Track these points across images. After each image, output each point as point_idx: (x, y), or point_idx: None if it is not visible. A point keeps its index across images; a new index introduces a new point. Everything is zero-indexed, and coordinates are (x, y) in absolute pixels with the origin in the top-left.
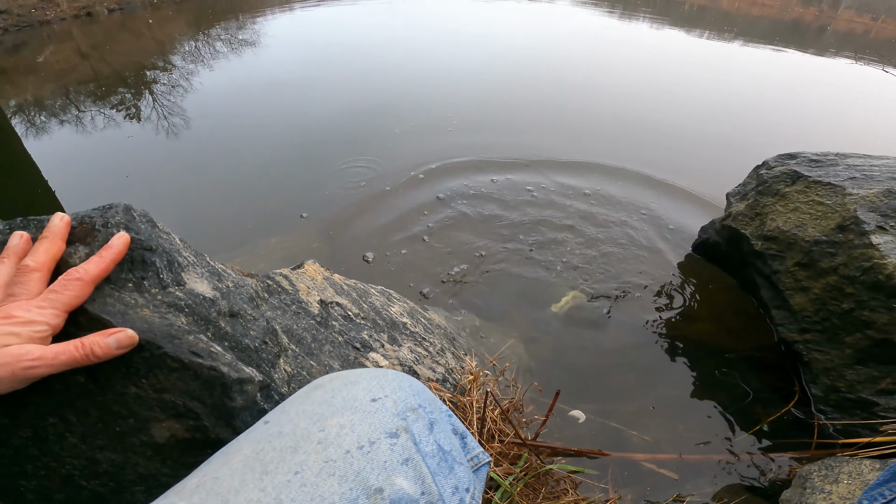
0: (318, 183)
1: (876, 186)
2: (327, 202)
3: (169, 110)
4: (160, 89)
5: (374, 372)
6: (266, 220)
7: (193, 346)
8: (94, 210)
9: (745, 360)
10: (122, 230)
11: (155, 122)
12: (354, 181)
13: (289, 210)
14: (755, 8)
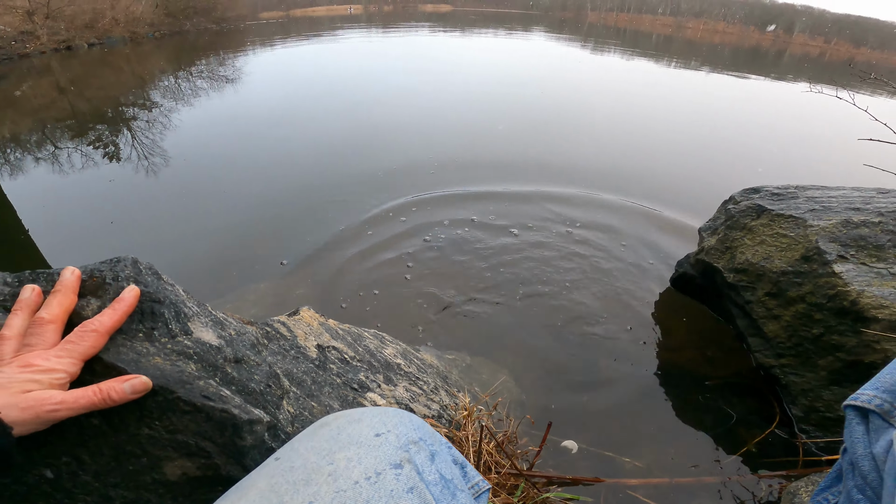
0: (300, 228)
1: (834, 217)
2: (310, 248)
3: (149, 149)
4: (139, 126)
5: (375, 410)
6: (249, 267)
7: (204, 390)
8: (103, 263)
9: (727, 386)
10: (132, 283)
11: (135, 162)
12: (335, 227)
13: (271, 257)
14: (717, 36)
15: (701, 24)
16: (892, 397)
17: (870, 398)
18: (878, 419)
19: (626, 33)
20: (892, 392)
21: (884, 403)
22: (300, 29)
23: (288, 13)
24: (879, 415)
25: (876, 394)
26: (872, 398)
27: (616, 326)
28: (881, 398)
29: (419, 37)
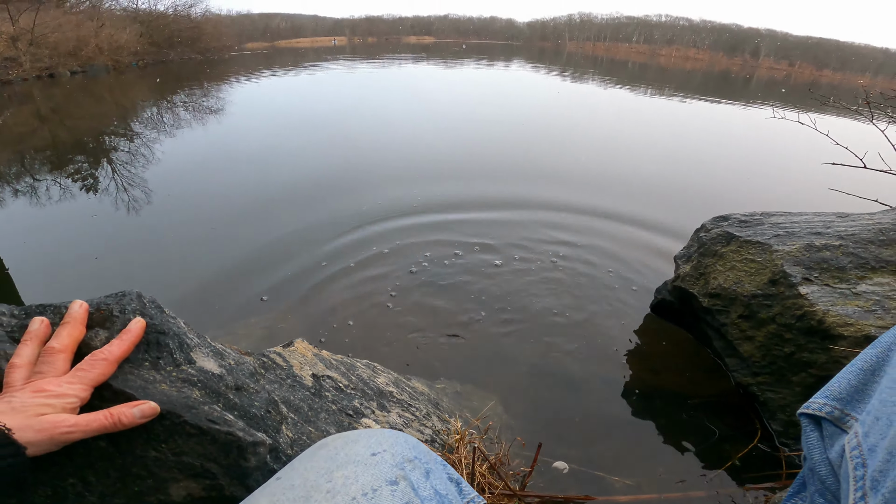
0: (283, 261)
1: (798, 242)
2: (296, 282)
3: (129, 181)
4: (120, 159)
5: (371, 431)
6: (232, 302)
7: (209, 414)
8: (109, 297)
9: (709, 405)
10: (138, 316)
11: (114, 195)
12: (318, 259)
13: (253, 292)
14: (688, 62)
15: (673, 52)
16: (841, 404)
17: (821, 406)
18: (830, 426)
19: (604, 62)
20: (841, 399)
21: (834, 410)
22: (285, 60)
23: (272, 44)
24: (831, 421)
25: (826, 402)
26: (823, 406)
27: (600, 351)
28: (831, 405)
29: (402, 68)
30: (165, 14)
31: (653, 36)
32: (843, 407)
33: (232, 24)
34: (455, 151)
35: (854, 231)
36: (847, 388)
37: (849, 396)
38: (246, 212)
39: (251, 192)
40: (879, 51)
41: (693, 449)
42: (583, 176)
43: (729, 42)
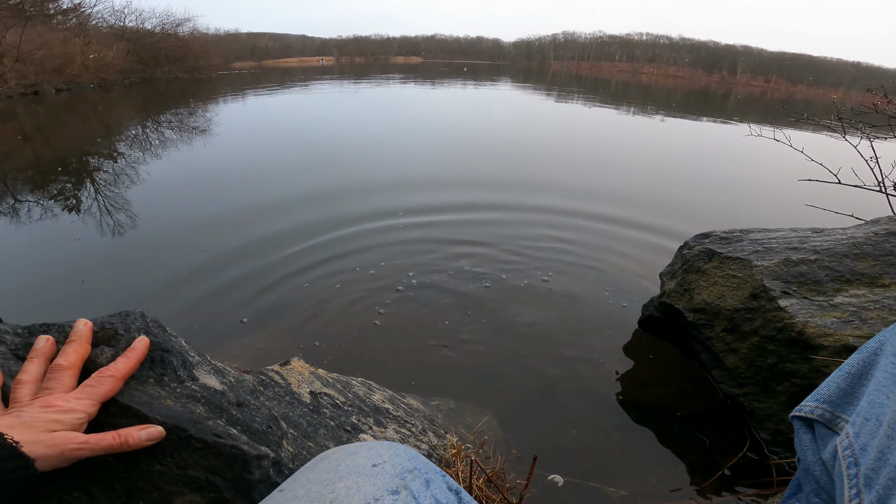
0: (271, 282)
1: (776, 257)
2: (284, 302)
3: (113, 202)
4: (104, 179)
5: (371, 443)
6: (221, 323)
7: (214, 429)
8: (113, 316)
9: (698, 416)
10: (142, 334)
11: (98, 217)
12: (305, 280)
13: (242, 312)
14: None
15: (655, 69)
16: (832, 407)
17: (812, 409)
18: (822, 428)
19: (587, 80)
20: (831, 402)
21: (825, 413)
22: (272, 80)
23: (260, 63)
24: (822, 423)
25: (817, 405)
26: (815, 409)
27: (590, 367)
28: (822, 408)
29: (390, 88)
30: (153, 32)
31: (634, 54)
32: (833, 409)
33: (220, 44)
34: (441, 170)
35: (829, 245)
36: (836, 392)
37: (838, 399)
38: (233, 233)
39: (237, 213)
40: (851, 65)
41: (685, 459)
42: (568, 194)
43: (707, 59)
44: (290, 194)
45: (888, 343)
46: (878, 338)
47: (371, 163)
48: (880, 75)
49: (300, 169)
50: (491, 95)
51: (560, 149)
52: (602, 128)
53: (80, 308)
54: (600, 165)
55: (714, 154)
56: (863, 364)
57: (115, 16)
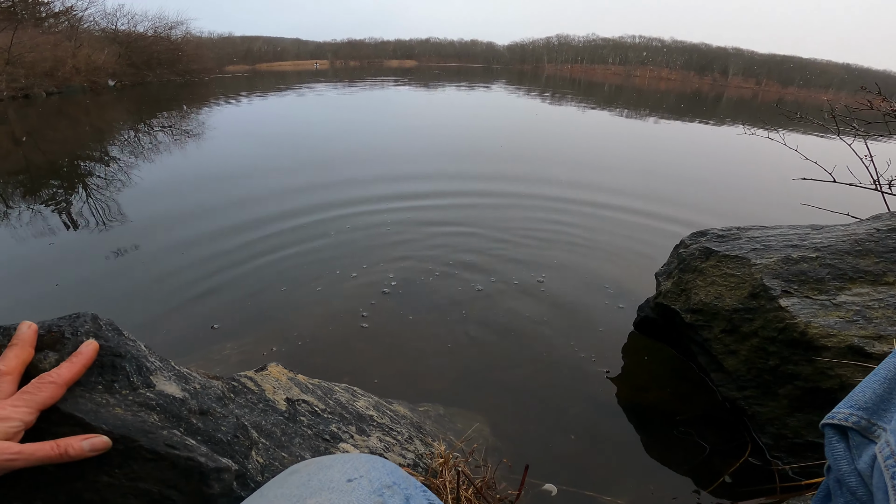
0: (259, 288)
1: (775, 255)
2: (268, 308)
3: (102, 206)
4: (94, 184)
5: (347, 456)
6: (203, 329)
7: (168, 439)
8: (62, 319)
9: (698, 420)
10: (91, 338)
11: (85, 221)
12: (295, 284)
13: (225, 316)
14: (662, 83)
15: (647, 72)
16: (867, 414)
17: (846, 416)
18: (857, 436)
19: (581, 84)
20: (866, 409)
21: (860, 420)
22: (266, 84)
23: (254, 67)
24: (858, 431)
25: (852, 411)
26: (849, 416)
27: (586, 370)
28: (857, 415)
29: (385, 91)
30: (145, 35)
31: (627, 57)
32: (869, 416)
33: (213, 47)
34: (431, 170)
35: (830, 242)
36: (872, 398)
37: (874, 406)
38: (219, 239)
39: (226, 217)
40: (840, 66)
41: (684, 465)
42: (561, 196)
43: (699, 62)
44: (279, 198)
45: None
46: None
47: (362, 165)
48: (869, 77)
49: (290, 173)
50: (485, 100)
51: (554, 150)
52: (596, 130)
53: (47, 312)
54: (594, 166)
55: (707, 154)
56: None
57: (106, 19)
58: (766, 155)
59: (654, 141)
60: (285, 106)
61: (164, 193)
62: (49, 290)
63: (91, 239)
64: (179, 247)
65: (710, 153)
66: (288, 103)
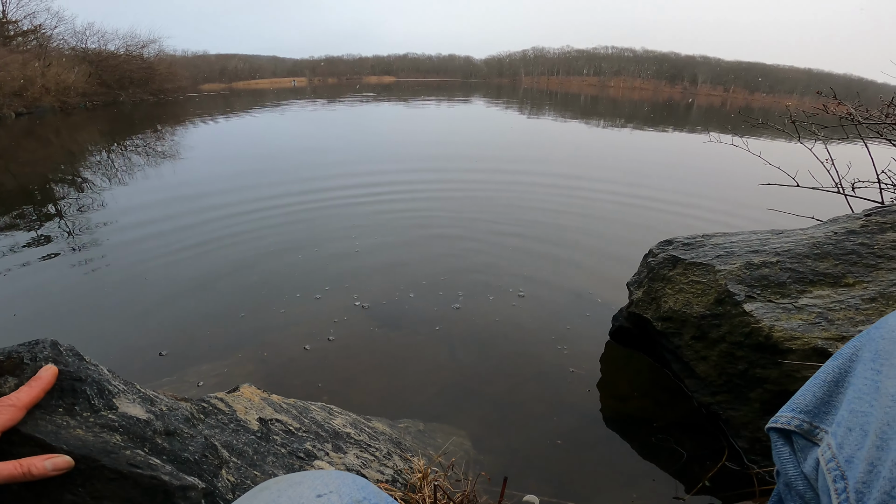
0: (237, 308)
1: (738, 261)
2: (251, 328)
3: (72, 230)
4: (65, 207)
5: (317, 472)
6: (178, 352)
7: (131, 459)
8: (21, 346)
9: (675, 427)
10: (51, 363)
11: (52, 245)
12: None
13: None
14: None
15: (621, 82)
16: (809, 417)
17: (789, 419)
18: (801, 439)
19: (558, 96)
20: (808, 412)
21: (803, 423)
22: (243, 103)
23: (230, 85)
24: (801, 435)
25: (794, 415)
26: (791, 419)
27: (564, 381)
28: (799, 419)
29: (364, 107)
30: (116, 54)
31: (601, 67)
32: (811, 420)
33: (187, 65)
34: (405, 187)
35: (789, 247)
36: (813, 401)
37: (816, 409)
38: (189, 261)
39: (195, 239)
40: (803, 71)
41: (664, 472)
42: (535, 209)
43: (670, 71)
44: (252, 222)
45: (864, 349)
46: (852, 343)
47: (334, 189)
48: (830, 80)
49: (263, 191)
50: (461, 114)
51: (528, 163)
52: (571, 141)
53: (9, 339)
54: (567, 178)
55: (679, 163)
56: (839, 371)
57: (76, 37)
58: (735, 161)
59: (628, 151)
60: (260, 126)
61: (133, 216)
62: (6, 319)
63: (60, 264)
64: (147, 271)
65: (681, 161)
66: (261, 123)
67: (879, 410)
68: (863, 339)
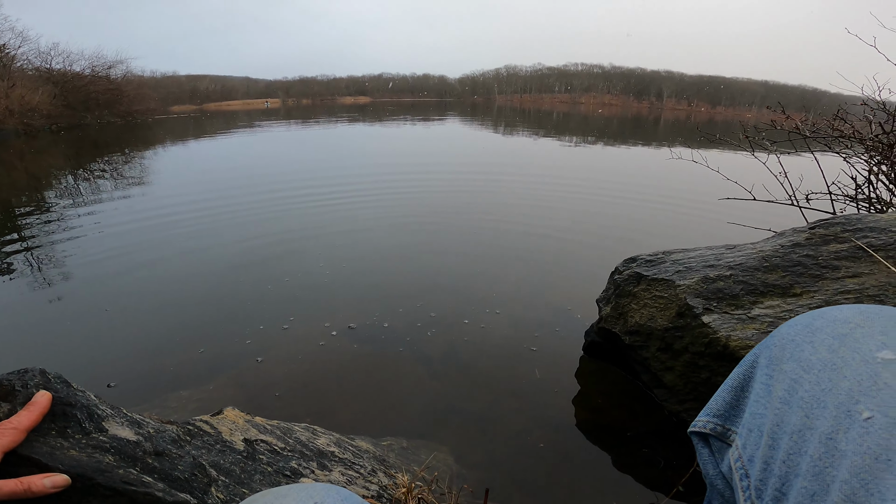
0: (211, 333)
1: (695, 276)
2: (229, 354)
3: (39, 258)
4: (31, 234)
5: (303, 485)
6: (157, 377)
7: (125, 477)
8: (11, 374)
9: (650, 435)
10: (42, 389)
11: (22, 274)
12: (247, 331)
13: (179, 365)
14: (605, 108)
15: (591, 98)
16: (722, 420)
17: (704, 423)
18: (716, 441)
19: (531, 114)
20: (720, 416)
21: (717, 426)
22: (214, 126)
23: (201, 107)
24: (716, 437)
25: (709, 419)
26: (707, 423)
27: (542, 396)
28: (713, 422)
29: (339, 129)
30: (82, 75)
31: (572, 84)
32: (723, 423)
33: (156, 87)
34: (374, 212)
35: (741, 261)
36: (723, 406)
37: (726, 413)
38: (165, 286)
39: (170, 264)
40: (759, 84)
41: (641, 479)
42: (506, 227)
43: (637, 86)
44: (227, 247)
45: (762, 356)
46: (753, 352)
47: (308, 215)
48: (786, 91)
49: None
50: (435, 134)
51: (498, 184)
52: (541, 160)
53: None
54: (538, 195)
55: (645, 180)
56: (743, 377)
57: (40, 57)
58: (698, 176)
59: (598, 168)
60: (231, 148)
61: (99, 244)
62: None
63: (21, 291)
64: (116, 298)
65: (648, 177)
66: (231, 146)
67: (771, 412)
68: (761, 347)
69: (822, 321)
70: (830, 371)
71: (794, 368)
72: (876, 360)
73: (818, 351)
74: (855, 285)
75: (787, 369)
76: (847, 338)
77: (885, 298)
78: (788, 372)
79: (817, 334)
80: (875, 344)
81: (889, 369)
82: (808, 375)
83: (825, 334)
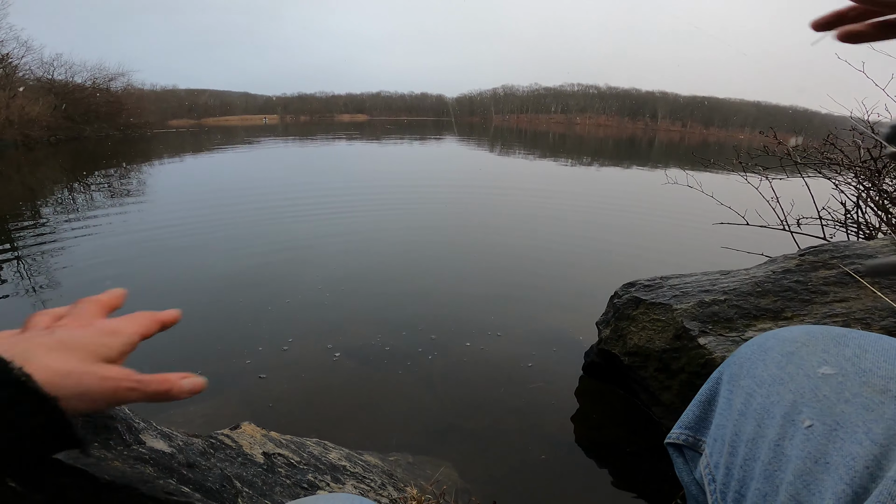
0: (216, 349)
1: (692, 300)
2: (234, 369)
3: (33, 271)
4: (22, 247)
5: (328, 495)
6: None
7: (165, 488)
8: None
9: (649, 451)
10: None
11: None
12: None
13: None
14: (600, 130)
15: (587, 119)
16: (692, 432)
17: (678, 435)
18: (689, 451)
19: (527, 135)
20: (691, 428)
21: (688, 438)
22: (211, 141)
23: (199, 122)
24: (688, 447)
25: (681, 431)
26: (679, 435)
27: (544, 414)
28: (685, 434)
29: (336, 147)
30: (83, 86)
31: (568, 105)
32: (694, 434)
33: (156, 100)
34: (373, 234)
35: (735, 286)
36: (693, 418)
37: (696, 425)
38: (160, 300)
39: (165, 279)
40: (752, 105)
41: (641, 494)
42: (504, 251)
43: (632, 107)
44: (220, 267)
45: (725, 372)
46: (719, 369)
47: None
48: (777, 113)
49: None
50: (432, 154)
51: (497, 206)
52: (539, 182)
53: None
54: (537, 220)
55: (641, 203)
56: (710, 392)
57: (43, 68)
58: (692, 200)
59: (595, 192)
60: (230, 165)
61: (94, 258)
62: None
63: (13, 306)
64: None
65: (644, 200)
66: (230, 164)
67: (731, 423)
68: (725, 365)
69: (773, 341)
70: (778, 385)
71: (749, 384)
72: (817, 374)
73: (769, 367)
74: (842, 309)
75: (743, 384)
76: (793, 356)
77: (871, 322)
78: (745, 387)
79: (769, 353)
80: (817, 360)
81: (828, 383)
82: (760, 389)
83: (775, 353)
